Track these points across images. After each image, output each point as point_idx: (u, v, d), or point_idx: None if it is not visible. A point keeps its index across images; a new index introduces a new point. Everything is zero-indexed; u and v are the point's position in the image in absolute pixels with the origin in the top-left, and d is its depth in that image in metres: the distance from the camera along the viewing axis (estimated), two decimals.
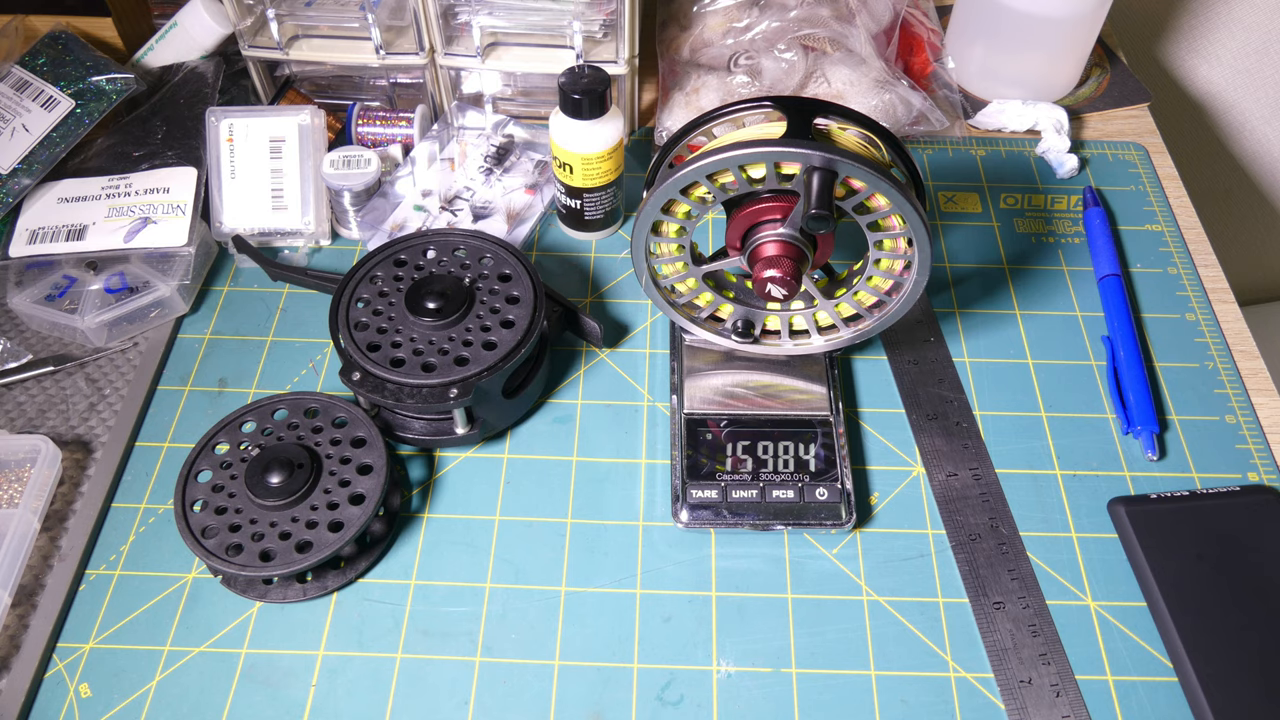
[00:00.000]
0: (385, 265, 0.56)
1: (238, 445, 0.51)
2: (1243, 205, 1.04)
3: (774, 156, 0.44)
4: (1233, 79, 0.93)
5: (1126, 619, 0.49)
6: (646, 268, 0.52)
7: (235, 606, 0.49)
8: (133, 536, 0.52)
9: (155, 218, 0.61)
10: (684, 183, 0.46)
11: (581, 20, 0.64)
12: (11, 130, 0.62)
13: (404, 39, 0.68)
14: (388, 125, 0.68)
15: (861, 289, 0.52)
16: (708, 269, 0.52)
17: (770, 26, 0.68)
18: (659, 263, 0.52)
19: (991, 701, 0.46)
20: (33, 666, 0.47)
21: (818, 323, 0.54)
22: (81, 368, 0.59)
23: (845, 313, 0.53)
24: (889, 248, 0.48)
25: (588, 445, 0.55)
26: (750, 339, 0.55)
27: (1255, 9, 0.88)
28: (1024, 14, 0.68)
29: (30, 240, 0.60)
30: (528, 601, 0.50)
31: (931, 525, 0.52)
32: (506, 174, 0.67)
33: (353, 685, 0.47)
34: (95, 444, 0.55)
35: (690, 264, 0.52)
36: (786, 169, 0.45)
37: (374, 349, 0.52)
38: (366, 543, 0.51)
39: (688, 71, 0.70)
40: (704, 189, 0.47)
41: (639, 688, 0.47)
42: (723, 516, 0.51)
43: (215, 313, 0.62)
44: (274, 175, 0.64)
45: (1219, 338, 0.60)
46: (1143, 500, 0.52)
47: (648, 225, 0.49)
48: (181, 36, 0.69)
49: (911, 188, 0.47)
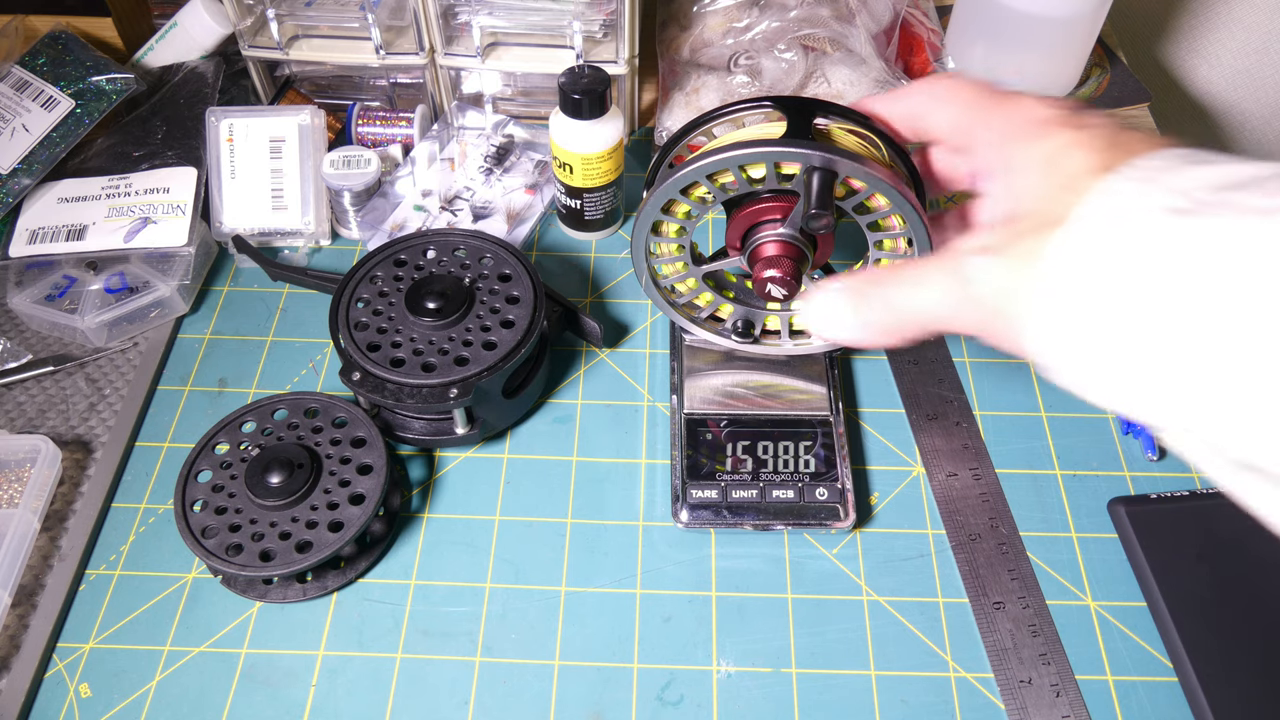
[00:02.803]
0: (385, 265, 0.56)
1: (238, 445, 0.51)
2: None
3: (774, 157, 0.44)
4: (1233, 79, 0.93)
5: (1126, 619, 0.49)
6: (646, 268, 0.52)
7: (235, 606, 0.49)
8: (133, 536, 0.52)
9: (155, 218, 0.61)
10: (684, 183, 0.46)
11: (581, 20, 0.64)
12: (11, 130, 0.62)
13: (404, 39, 0.68)
14: (388, 125, 0.68)
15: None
16: (708, 269, 0.52)
17: (770, 26, 0.68)
18: (659, 263, 0.52)
19: (991, 701, 0.46)
20: (33, 666, 0.47)
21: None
22: (81, 368, 0.59)
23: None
24: (889, 248, 0.48)
25: (588, 445, 0.55)
26: (750, 339, 0.55)
27: (1255, 9, 0.88)
28: (1024, 14, 0.68)
29: (30, 240, 0.60)
30: (528, 601, 0.50)
31: (931, 525, 0.52)
32: (506, 174, 0.67)
33: (353, 685, 0.47)
34: (95, 444, 0.55)
35: (690, 264, 0.52)
36: (786, 169, 0.45)
37: (374, 349, 0.52)
38: (366, 543, 0.51)
39: (688, 71, 0.70)
40: (704, 189, 0.47)
41: (639, 688, 0.47)
42: (723, 516, 0.51)
43: (215, 313, 0.62)
44: (274, 175, 0.64)
45: None
46: (1143, 500, 0.52)
47: (648, 225, 0.49)
48: (181, 36, 0.69)
49: (911, 188, 0.47)
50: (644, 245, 0.51)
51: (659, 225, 0.50)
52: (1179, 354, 0.28)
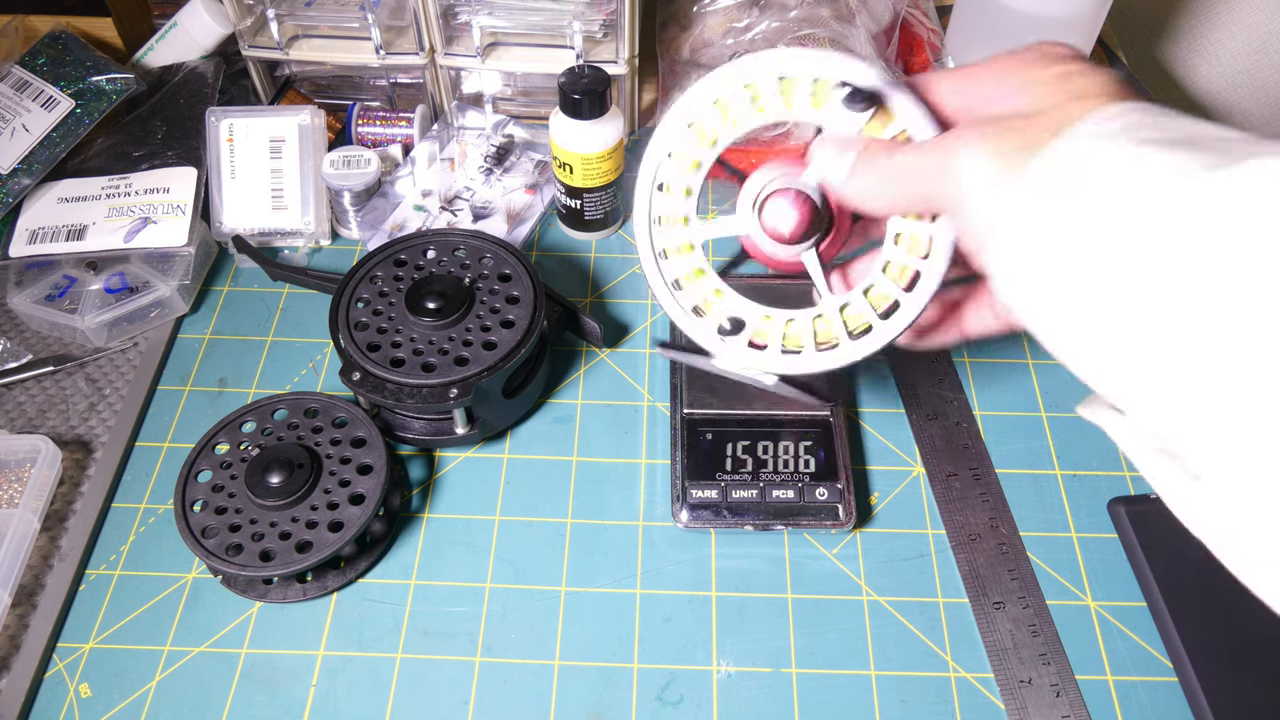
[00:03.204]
0: (385, 265, 0.56)
1: (238, 445, 0.51)
2: None
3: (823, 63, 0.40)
4: (1233, 79, 0.93)
5: (1126, 619, 0.49)
6: (647, 218, 0.45)
7: (235, 606, 0.49)
8: (133, 536, 0.52)
9: (155, 218, 0.61)
10: (728, 79, 0.42)
11: (581, 20, 0.64)
12: (11, 130, 0.62)
13: (404, 39, 0.68)
14: (388, 125, 0.68)
15: (879, 283, 0.42)
16: (715, 232, 0.44)
17: (770, 26, 0.68)
18: (660, 222, 0.45)
19: (991, 701, 0.46)
20: (33, 666, 0.47)
21: (816, 336, 0.44)
22: (81, 368, 0.59)
23: (854, 321, 0.43)
24: (909, 242, 0.41)
25: (588, 445, 0.55)
26: (736, 337, 0.44)
27: (1255, 9, 0.88)
28: (1024, 14, 0.68)
29: (30, 240, 0.60)
30: (528, 601, 0.50)
31: (931, 525, 0.52)
32: (506, 174, 0.67)
33: (353, 685, 0.47)
34: (95, 444, 0.55)
35: (693, 218, 0.45)
36: (821, 98, 0.40)
37: (374, 349, 0.52)
38: (366, 543, 0.51)
39: (688, 71, 0.70)
40: (740, 102, 0.42)
41: (639, 688, 0.47)
42: (723, 516, 0.51)
43: (215, 313, 0.62)
44: (274, 175, 0.64)
45: None
46: (1143, 500, 0.52)
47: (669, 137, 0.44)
48: (181, 36, 0.69)
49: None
50: (653, 172, 0.45)
51: (664, 185, 0.45)
52: (1129, 306, 0.26)
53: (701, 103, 0.43)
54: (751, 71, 0.42)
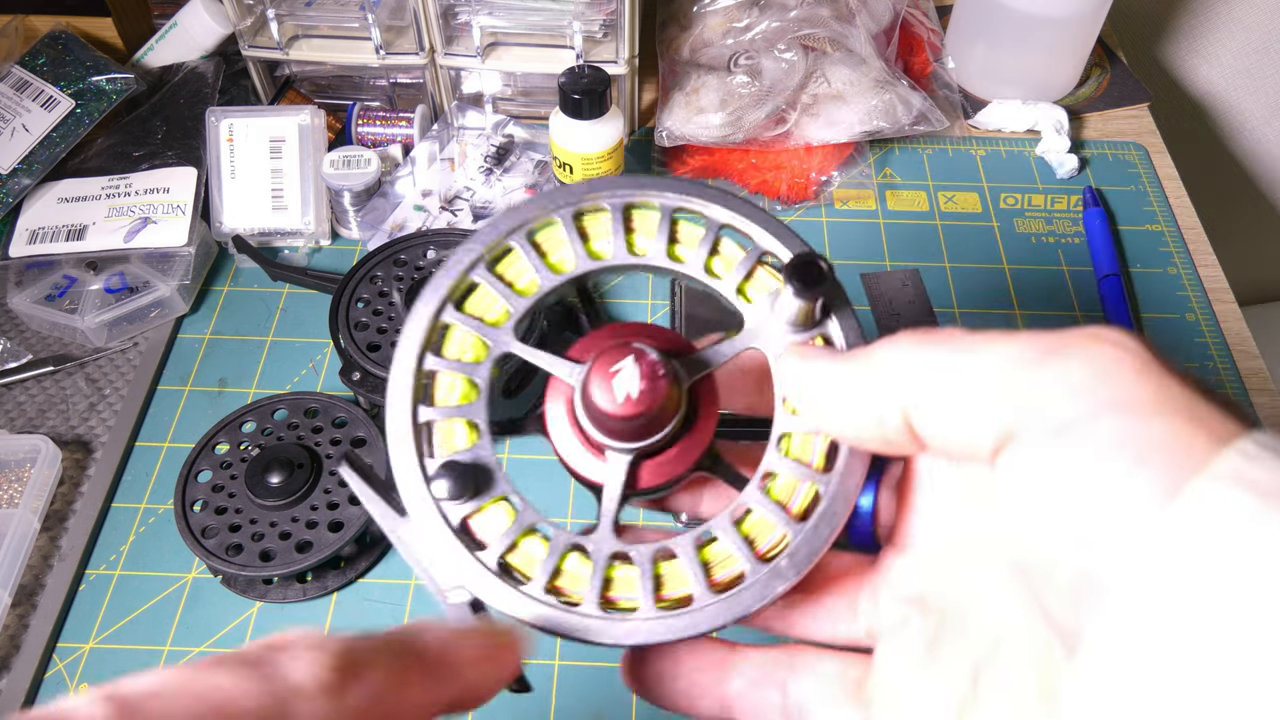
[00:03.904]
0: (385, 265, 0.56)
1: (238, 445, 0.51)
2: (1242, 205, 1.04)
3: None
4: (1233, 79, 0.93)
5: None
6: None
7: (235, 606, 0.49)
8: (133, 536, 0.52)
9: (155, 218, 0.61)
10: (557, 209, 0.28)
11: (581, 20, 0.64)
12: (11, 130, 0.62)
13: (404, 39, 0.68)
14: (388, 125, 0.68)
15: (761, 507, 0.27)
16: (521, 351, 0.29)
17: (770, 26, 0.68)
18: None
19: None
20: (33, 666, 0.47)
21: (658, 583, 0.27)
22: (81, 368, 0.59)
23: (719, 560, 0.27)
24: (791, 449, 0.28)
25: None
26: (463, 500, 0.26)
27: (1255, 9, 0.88)
28: (1024, 14, 0.68)
29: (30, 240, 0.60)
30: None
31: None
32: (506, 174, 0.67)
33: None
34: (95, 444, 0.55)
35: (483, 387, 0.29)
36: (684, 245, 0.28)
37: (374, 349, 0.52)
38: (366, 543, 0.51)
39: (688, 71, 0.70)
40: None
41: None
42: None
43: (215, 313, 0.62)
44: (274, 175, 0.64)
45: (1219, 338, 0.60)
46: None
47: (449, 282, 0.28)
48: (181, 36, 0.69)
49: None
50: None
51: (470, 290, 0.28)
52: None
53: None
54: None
